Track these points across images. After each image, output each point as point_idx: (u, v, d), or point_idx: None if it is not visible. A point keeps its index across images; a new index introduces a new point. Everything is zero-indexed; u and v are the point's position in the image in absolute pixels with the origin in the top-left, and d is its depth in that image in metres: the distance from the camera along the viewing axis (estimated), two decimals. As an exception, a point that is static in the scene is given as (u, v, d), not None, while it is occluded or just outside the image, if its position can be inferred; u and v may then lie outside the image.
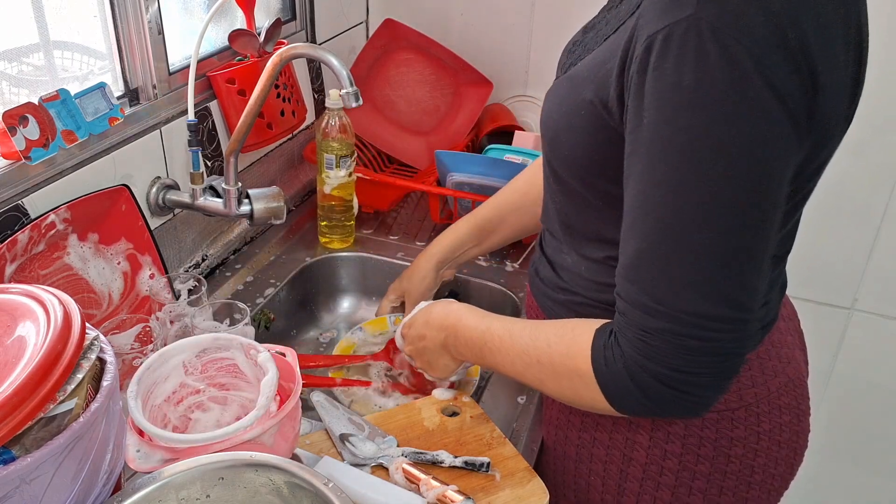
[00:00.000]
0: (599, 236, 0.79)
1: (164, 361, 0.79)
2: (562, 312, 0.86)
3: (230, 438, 0.71)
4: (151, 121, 1.11)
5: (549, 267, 0.89)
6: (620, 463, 0.85)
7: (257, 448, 0.72)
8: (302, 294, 1.32)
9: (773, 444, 0.82)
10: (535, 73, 1.66)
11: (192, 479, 0.64)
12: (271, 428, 0.73)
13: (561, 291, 0.86)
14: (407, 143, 1.56)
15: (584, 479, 0.90)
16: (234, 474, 0.65)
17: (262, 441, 0.73)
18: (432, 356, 0.93)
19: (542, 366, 0.77)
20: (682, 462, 0.81)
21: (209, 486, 0.65)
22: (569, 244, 0.85)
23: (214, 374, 0.83)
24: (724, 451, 0.80)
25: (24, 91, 0.97)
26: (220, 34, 1.27)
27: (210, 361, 0.82)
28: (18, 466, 0.55)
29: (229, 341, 0.81)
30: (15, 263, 0.88)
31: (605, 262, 0.79)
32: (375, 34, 1.54)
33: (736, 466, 0.81)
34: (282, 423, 0.74)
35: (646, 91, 0.63)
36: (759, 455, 0.81)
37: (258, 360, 0.79)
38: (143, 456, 0.71)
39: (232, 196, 1.11)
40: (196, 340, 0.81)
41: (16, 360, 0.59)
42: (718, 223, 0.63)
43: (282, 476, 0.64)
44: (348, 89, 0.98)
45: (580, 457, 0.89)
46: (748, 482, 0.83)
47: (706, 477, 0.82)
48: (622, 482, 0.86)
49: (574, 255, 0.84)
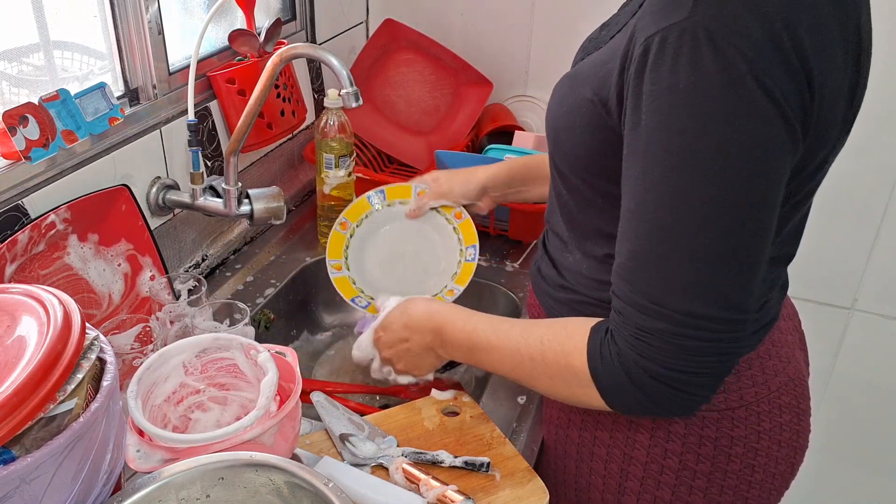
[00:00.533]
0: (601, 234, 0.79)
1: (164, 361, 0.79)
2: (563, 311, 0.86)
3: (230, 438, 0.71)
4: (151, 121, 1.11)
5: (551, 266, 0.89)
6: (621, 461, 0.85)
7: (257, 448, 0.72)
8: (302, 294, 1.32)
9: (774, 444, 0.82)
10: (535, 73, 1.66)
11: (192, 479, 0.64)
12: (271, 428, 0.73)
13: (562, 290, 0.86)
14: (407, 143, 1.56)
15: (584, 478, 0.90)
16: (233, 474, 0.65)
17: (262, 441, 0.73)
18: (417, 358, 0.92)
19: (535, 363, 0.77)
20: (683, 461, 0.82)
21: (209, 486, 0.64)
22: (572, 242, 0.85)
23: (214, 374, 0.83)
24: (724, 450, 0.80)
25: (24, 91, 0.97)
26: (220, 34, 1.27)
27: (210, 361, 0.82)
28: (18, 466, 0.55)
29: (229, 341, 0.81)
30: (15, 263, 0.89)
31: (607, 260, 0.79)
32: (375, 34, 1.54)
33: (737, 466, 0.81)
34: (282, 423, 0.74)
35: (643, 93, 0.63)
36: (759, 454, 0.82)
37: (258, 361, 0.79)
38: (143, 456, 0.71)
39: (232, 196, 1.11)
40: (196, 340, 0.81)
41: (16, 360, 0.59)
42: (715, 224, 0.63)
43: (282, 476, 0.64)
44: (348, 89, 0.98)
45: (581, 456, 0.89)
46: (749, 481, 0.83)
47: (707, 476, 0.82)
48: (623, 481, 0.86)
49: (577, 254, 0.84)
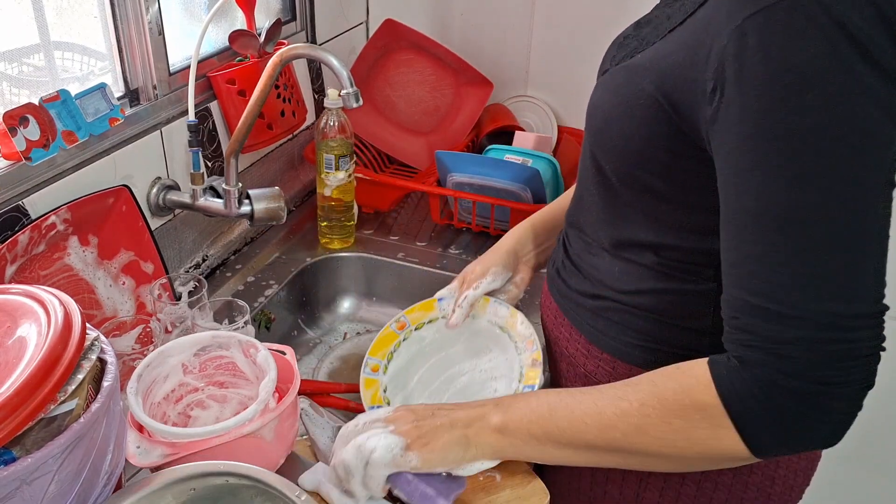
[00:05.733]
0: (636, 235, 0.76)
1: (164, 360, 0.79)
2: (589, 318, 0.82)
3: (230, 432, 0.71)
4: (152, 121, 1.11)
5: (575, 270, 0.85)
6: (640, 473, 0.82)
7: (257, 443, 0.73)
8: (302, 294, 1.32)
9: (794, 455, 0.80)
10: (535, 73, 1.66)
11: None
12: (271, 422, 0.73)
13: (590, 297, 0.82)
14: (407, 143, 1.56)
15: (601, 488, 0.87)
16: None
17: (261, 435, 0.73)
18: (438, 434, 0.71)
19: (646, 407, 0.65)
20: (705, 472, 0.79)
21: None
22: (599, 244, 0.81)
23: (213, 372, 0.83)
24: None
25: (24, 92, 0.97)
26: (221, 35, 1.27)
27: (209, 360, 0.83)
28: (19, 467, 0.55)
29: (228, 339, 0.81)
30: (15, 264, 0.89)
31: (641, 263, 0.77)
32: (375, 34, 1.54)
33: (757, 478, 0.80)
34: (281, 418, 0.74)
35: (745, 78, 0.58)
36: (780, 466, 0.80)
37: (257, 359, 0.79)
38: (143, 452, 0.71)
39: (232, 196, 1.11)
40: (195, 338, 0.81)
41: (16, 361, 0.59)
42: (853, 208, 0.57)
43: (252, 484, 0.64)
44: (348, 90, 0.98)
45: (595, 471, 0.86)
46: (768, 493, 0.81)
47: (728, 488, 0.80)
48: (641, 491, 0.84)
49: (605, 256, 0.80)
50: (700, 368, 0.64)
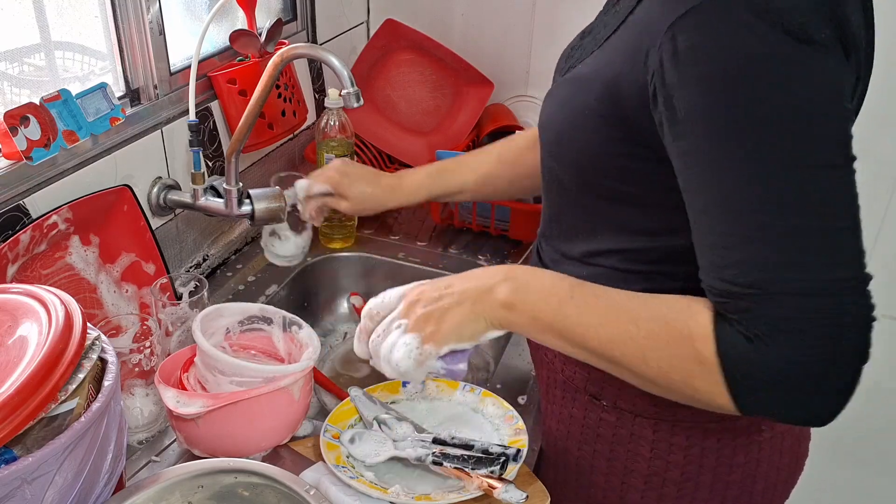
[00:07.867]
0: (602, 244, 0.77)
1: (217, 317, 0.89)
2: None
3: (275, 379, 0.80)
4: (152, 121, 1.11)
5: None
6: (622, 475, 0.84)
7: (288, 398, 0.82)
8: (303, 294, 1.32)
9: (776, 453, 0.81)
10: (535, 73, 1.66)
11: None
12: (300, 380, 0.83)
13: None
14: (408, 143, 1.56)
15: (584, 491, 0.88)
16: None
17: (293, 391, 0.83)
18: (447, 316, 0.72)
19: (651, 341, 0.65)
20: (685, 472, 0.80)
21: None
22: (568, 254, 0.82)
23: (247, 343, 0.91)
24: (726, 460, 0.79)
25: (25, 91, 0.97)
26: (221, 34, 1.27)
27: (248, 331, 0.91)
28: (20, 466, 0.55)
29: (274, 313, 0.90)
30: (17, 263, 0.89)
31: (607, 266, 0.78)
32: (376, 34, 1.54)
33: (738, 476, 0.80)
34: (305, 380, 0.84)
35: (690, 78, 0.59)
36: (761, 464, 0.81)
37: (300, 335, 0.88)
38: (183, 404, 0.78)
39: (233, 196, 1.11)
40: (245, 306, 0.90)
41: (17, 360, 0.59)
42: (815, 188, 0.58)
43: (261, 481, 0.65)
44: (349, 89, 0.98)
45: (580, 468, 0.87)
46: (750, 492, 0.82)
47: (709, 487, 0.81)
48: (623, 493, 0.84)
49: (577, 264, 0.81)
50: (704, 316, 0.63)
